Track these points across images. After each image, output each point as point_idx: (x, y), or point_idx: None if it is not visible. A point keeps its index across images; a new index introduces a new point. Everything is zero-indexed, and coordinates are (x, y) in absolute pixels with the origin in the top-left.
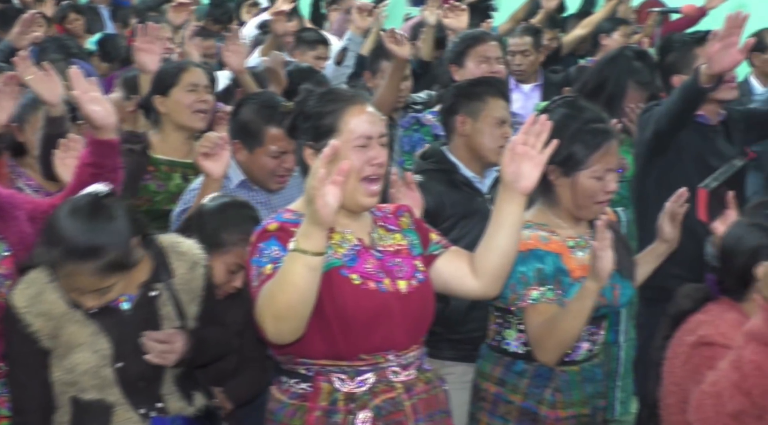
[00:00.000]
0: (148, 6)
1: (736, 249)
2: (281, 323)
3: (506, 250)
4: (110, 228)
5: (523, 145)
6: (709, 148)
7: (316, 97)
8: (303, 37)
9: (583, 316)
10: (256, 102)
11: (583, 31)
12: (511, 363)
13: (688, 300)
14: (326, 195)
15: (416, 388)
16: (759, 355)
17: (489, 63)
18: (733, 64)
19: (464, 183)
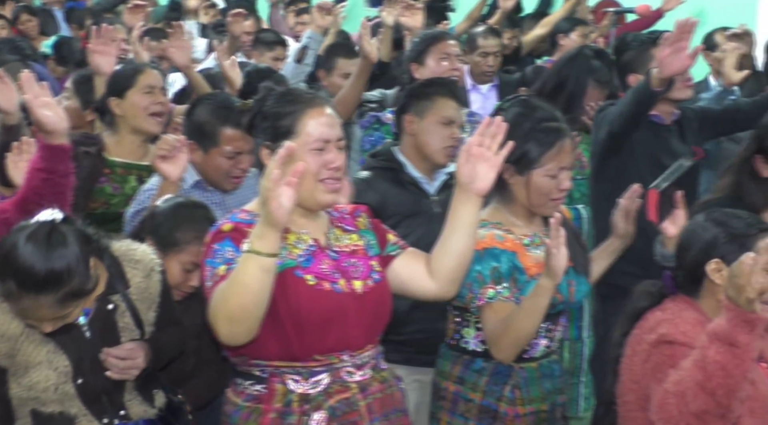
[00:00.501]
0: (104, 8)
1: (689, 244)
2: (234, 324)
3: (462, 251)
4: (68, 257)
5: (478, 146)
6: (662, 147)
7: (275, 97)
8: (261, 38)
9: (538, 314)
10: (211, 102)
11: (542, 30)
12: (470, 361)
13: (644, 297)
14: (280, 196)
15: (371, 388)
16: (723, 355)
17: (450, 60)
18: (682, 68)
19: (410, 182)
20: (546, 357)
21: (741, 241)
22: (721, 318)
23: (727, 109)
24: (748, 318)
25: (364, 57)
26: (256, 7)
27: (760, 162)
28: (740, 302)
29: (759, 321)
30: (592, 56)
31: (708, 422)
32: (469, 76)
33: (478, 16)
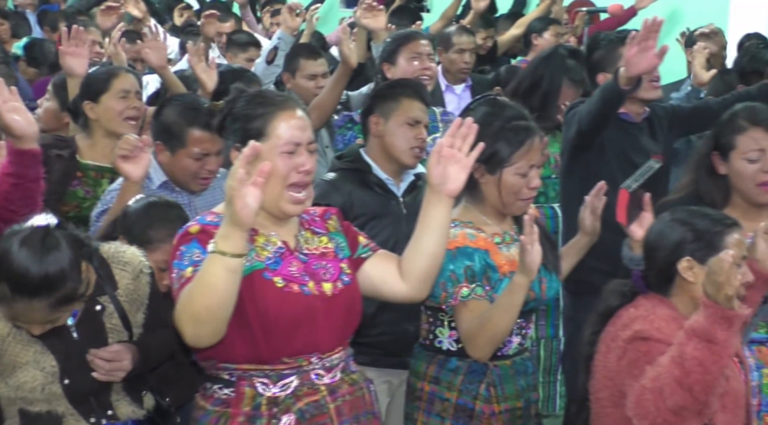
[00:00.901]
0: (77, 10)
1: (658, 244)
2: (200, 326)
3: (434, 253)
4: (62, 262)
5: (449, 147)
6: (632, 144)
7: (246, 99)
8: (234, 39)
9: (513, 311)
10: (179, 103)
11: (518, 30)
12: (444, 360)
13: (615, 296)
14: (246, 196)
15: (341, 390)
16: (701, 351)
17: (421, 60)
18: (649, 67)
19: (377, 184)
20: (519, 354)
21: (708, 239)
22: (699, 314)
23: (697, 107)
24: (727, 315)
25: (344, 62)
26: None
27: (717, 159)
28: (719, 299)
29: (737, 318)
30: (567, 56)
31: (685, 418)
32: (444, 76)
33: (453, 16)
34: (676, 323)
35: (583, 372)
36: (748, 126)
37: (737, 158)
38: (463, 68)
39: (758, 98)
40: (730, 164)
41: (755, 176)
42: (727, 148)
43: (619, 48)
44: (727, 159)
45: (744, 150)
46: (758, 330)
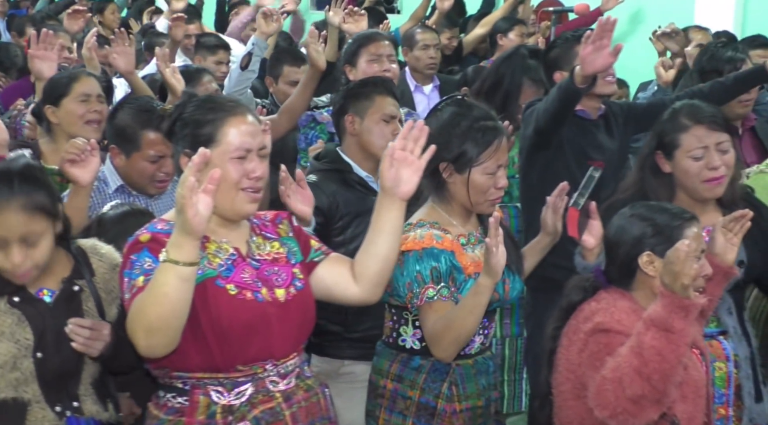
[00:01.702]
0: (47, 14)
1: (619, 240)
2: (153, 336)
3: (386, 256)
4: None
5: (401, 150)
6: (589, 141)
7: (195, 104)
8: (203, 41)
9: (478, 312)
10: (132, 106)
11: (482, 30)
12: (408, 359)
13: (577, 291)
14: (197, 204)
15: (296, 397)
16: (659, 341)
17: (380, 62)
18: (604, 66)
19: (358, 182)
20: (481, 353)
21: (668, 233)
22: (657, 304)
23: (652, 104)
24: (683, 304)
25: (312, 65)
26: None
27: (661, 158)
28: (675, 288)
29: (693, 307)
30: (528, 56)
31: (644, 407)
32: (412, 76)
33: (423, 17)
34: (636, 315)
35: (546, 367)
36: (690, 124)
37: (682, 156)
38: (429, 64)
39: (710, 96)
40: (675, 162)
41: (701, 173)
42: (671, 146)
43: (575, 46)
44: (672, 157)
45: (688, 148)
46: (709, 325)
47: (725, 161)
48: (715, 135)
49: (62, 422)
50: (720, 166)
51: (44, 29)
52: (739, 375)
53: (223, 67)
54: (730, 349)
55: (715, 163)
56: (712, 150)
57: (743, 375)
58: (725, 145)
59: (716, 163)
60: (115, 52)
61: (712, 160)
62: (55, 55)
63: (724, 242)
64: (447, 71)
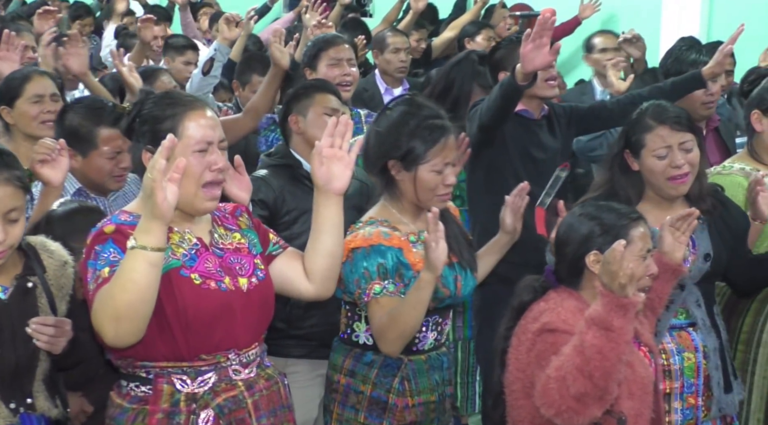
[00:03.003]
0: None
1: (567, 238)
2: (121, 324)
3: (331, 251)
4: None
5: (329, 147)
6: (532, 140)
7: (154, 100)
8: (171, 42)
9: (421, 306)
10: (82, 106)
11: (451, 33)
12: (360, 354)
13: (527, 290)
14: (166, 188)
15: (257, 385)
16: (599, 339)
17: (340, 66)
18: (544, 64)
19: (307, 178)
20: (435, 349)
21: (615, 233)
22: (597, 304)
23: (594, 106)
24: (621, 303)
25: (275, 64)
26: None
27: (629, 157)
28: (614, 287)
29: (631, 306)
30: (478, 61)
31: (587, 404)
32: (382, 79)
33: (395, 20)
34: (582, 315)
35: (498, 366)
36: (655, 124)
37: (647, 155)
38: (399, 67)
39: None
40: (642, 161)
41: (665, 171)
42: (638, 146)
43: (518, 48)
44: (638, 156)
45: (652, 147)
46: (678, 317)
47: (689, 160)
48: (679, 135)
49: (16, 419)
50: (683, 164)
51: (6, 30)
52: (708, 365)
53: (191, 67)
54: (699, 341)
55: (679, 162)
56: (676, 149)
57: (712, 365)
58: (689, 144)
59: (679, 162)
60: (69, 53)
61: (675, 159)
62: (18, 56)
63: (672, 241)
64: (413, 74)
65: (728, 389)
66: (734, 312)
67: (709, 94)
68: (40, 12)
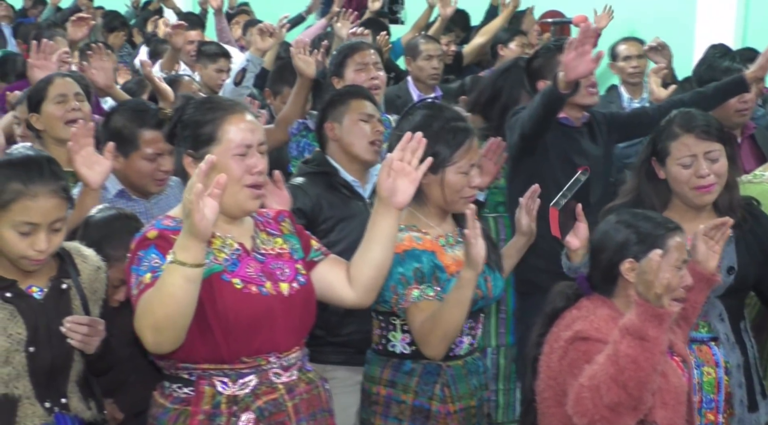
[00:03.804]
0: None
1: (603, 245)
2: (160, 334)
3: (380, 263)
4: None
5: (399, 161)
6: (574, 148)
7: (194, 105)
8: (204, 50)
9: (463, 306)
10: (126, 108)
11: (482, 39)
12: (399, 364)
13: (561, 297)
14: (204, 208)
15: (298, 389)
16: (634, 349)
17: (367, 70)
18: (586, 71)
19: (344, 186)
20: (470, 354)
21: (651, 241)
22: (632, 313)
23: (634, 113)
24: (657, 313)
25: (301, 74)
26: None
27: (656, 165)
28: (649, 297)
29: (667, 316)
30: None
31: (621, 414)
32: (414, 85)
33: (424, 26)
34: (615, 323)
35: (530, 373)
36: (681, 132)
37: (672, 164)
38: (432, 74)
39: (689, 105)
40: (667, 169)
41: (690, 180)
42: (663, 154)
43: (556, 56)
44: (664, 164)
45: (677, 156)
46: (699, 330)
47: (715, 170)
48: (705, 144)
49: (51, 418)
50: (708, 174)
51: (44, 39)
52: (730, 382)
53: (224, 74)
54: (720, 356)
55: (703, 172)
56: (701, 158)
57: (734, 382)
58: (715, 153)
59: (704, 172)
60: (94, 67)
61: (700, 168)
62: (55, 64)
63: (705, 250)
64: (444, 80)
65: (753, 408)
66: (764, 327)
67: (743, 102)
68: (74, 19)
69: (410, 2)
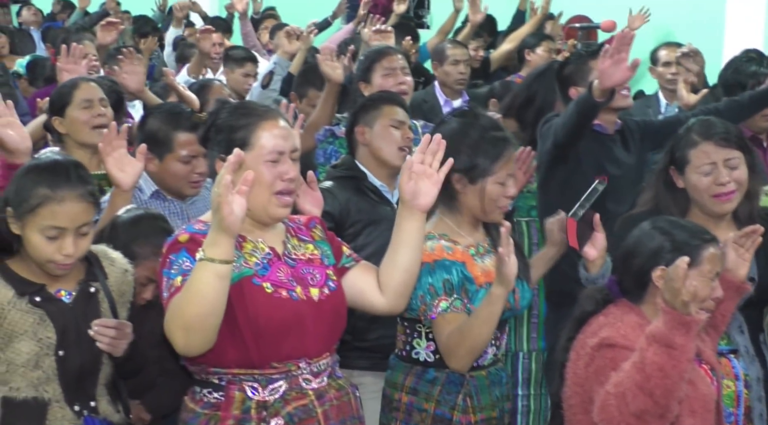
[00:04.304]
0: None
1: (635, 251)
2: (191, 334)
3: (409, 266)
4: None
5: (420, 163)
6: (606, 155)
7: (229, 110)
8: (231, 54)
9: (492, 322)
10: (161, 111)
11: (510, 45)
12: (422, 371)
13: (590, 301)
14: (232, 202)
15: (328, 395)
16: (660, 357)
17: (395, 75)
18: (623, 79)
19: (372, 190)
20: (494, 364)
21: (685, 251)
22: (659, 320)
23: (667, 121)
24: (684, 321)
25: (329, 80)
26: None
27: (674, 173)
28: (676, 305)
29: (694, 324)
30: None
31: (647, 422)
32: (441, 90)
33: (450, 31)
34: (642, 330)
35: (557, 379)
36: (700, 140)
37: (692, 172)
38: (459, 79)
39: (725, 114)
40: (686, 178)
41: (709, 188)
42: (682, 162)
43: (588, 62)
44: (683, 173)
45: (697, 164)
46: (719, 342)
47: (735, 177)
48: (725, 151)
49: (80, 421)
50: (728, 181)
51: (73, 43)
52: (750, 396)
53: (250, 79)
54: (740, 369)
55: (723, 179)
56: (720, 166)
57: (754, 396)
58: (735, 161)
59: (724, 179)
60: (125, 71)
61: (720, 176)
62: (84, 69)
63: (735, 257)
64: (471, 85)
65: None
66: None
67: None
68: (103, 24)
69: (436, 6)
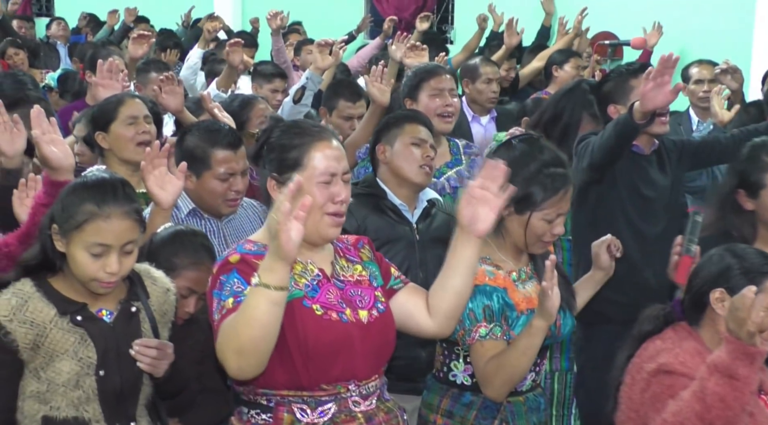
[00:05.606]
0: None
1: (701, 269)
2: (244, 358)
3: (461, 291)
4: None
5: (480, 189)
6: (642, 177)
7: (282, 129)
8: (260, 70)
9: (531, 353)
10: (199, 128)
11: (540, 63)
12: (458, 394)
13: (650, 320)
14: (290, 230)
15: (377, 418)
16: (722, 387)
17: (442, 96)
18: (665, 103)
19: (391, 209)
20: (532, 390)
21: (753, 277)
22: (722, 350)
23: (706, 141)
24: (748, 351)
25: (375, 101)
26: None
27: (743, 196)
28: (741, 335)
29: (759, 355)
30: (588, 91)
31: None
32: (469, 107)
33: (476, 48)
34: (701, 357)
35: (612, 401)
36: None
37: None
38: (491, 98)
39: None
40: (761, 201)
41: None
42: (757, 186)
43: (629, 80)
44: (757, 196)
45: None
46: None
47: None
48: None
49: None
50: None
51: (110, 59)
52: None
53: (279, 95)
54: None
55: None
56: None
57: None
58: None
59: None
60: (165, 91)
61: None
62: (120, 85)
63: None
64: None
65: None
66: None
67: None
68: (135, 37)
69: (459, 21)
